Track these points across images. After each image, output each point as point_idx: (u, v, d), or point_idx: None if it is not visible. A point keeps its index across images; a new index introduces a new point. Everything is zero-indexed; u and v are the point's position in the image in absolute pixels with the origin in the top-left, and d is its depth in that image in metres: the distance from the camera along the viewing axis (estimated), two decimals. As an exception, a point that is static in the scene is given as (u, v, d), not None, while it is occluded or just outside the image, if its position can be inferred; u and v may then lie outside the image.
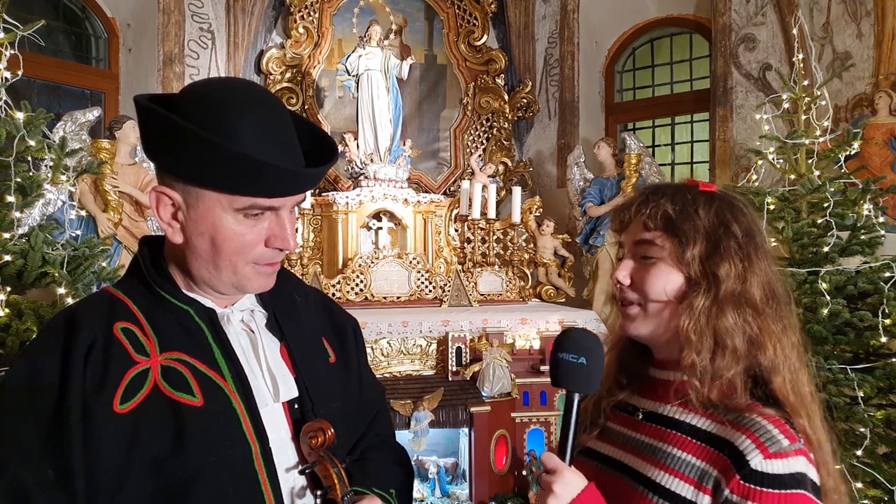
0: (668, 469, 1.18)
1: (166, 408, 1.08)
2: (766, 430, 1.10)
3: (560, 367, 1.21)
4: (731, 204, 1.24)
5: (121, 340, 1.11)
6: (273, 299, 1.29)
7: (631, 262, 1.27)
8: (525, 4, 6.34)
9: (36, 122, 2.75)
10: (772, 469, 1.06)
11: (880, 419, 2.73)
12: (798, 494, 1.05)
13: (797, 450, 1.08)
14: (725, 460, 1.11)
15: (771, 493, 1.05)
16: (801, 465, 1.07)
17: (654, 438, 1.24)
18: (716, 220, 1.20)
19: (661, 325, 1.24)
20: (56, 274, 2.68)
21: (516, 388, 4.14)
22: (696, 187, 1.25)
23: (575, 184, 5.84)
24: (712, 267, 1.18)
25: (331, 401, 1.27)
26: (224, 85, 1.19)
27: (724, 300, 1.17)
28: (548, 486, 1.16)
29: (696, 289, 1.19)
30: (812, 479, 1.08)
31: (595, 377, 1.21)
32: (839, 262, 3.04)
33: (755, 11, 5.53)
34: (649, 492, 1.19)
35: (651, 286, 1.22)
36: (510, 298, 5.01)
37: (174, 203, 1.13)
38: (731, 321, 1.16)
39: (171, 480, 1.06)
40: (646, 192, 1.27)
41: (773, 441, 1.08)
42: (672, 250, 1.21)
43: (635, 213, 1.25)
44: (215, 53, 5.62)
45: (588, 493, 1.15)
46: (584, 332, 1.25)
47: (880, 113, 4.91)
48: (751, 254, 1.19)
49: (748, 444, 1.09)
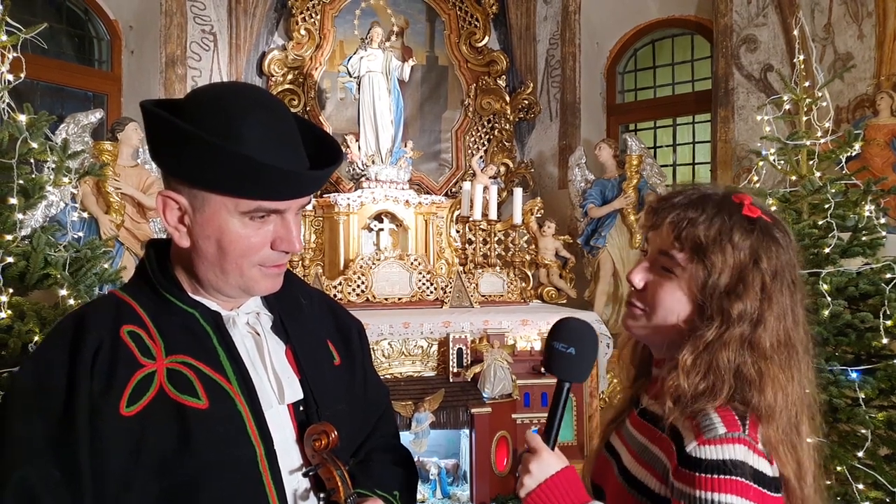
0: (638, 458, 1.22)
1: (172, 410, 1.09)
2: (708, 417, 1.09)
3: (551, 355, 1.24)
4: (770, 235, 1.18)
5: (127, 343, 1.12)
6: (278, 302, 1.30)
7: (648, 268, 1.25)
8: (526, 6, 6.34)
9: (38, 125, 2.75)
10: (704, 454, 1.06)
11: (881, 421, 2.73)
12: (732, 480, 1.03)
13: (736, 438, 1.06)
14: (672, 446, 1.12)
15: (704, 477, 1.04)
16: (738, 453, 1.05)
17: (638, 431, 1.26)
18: (747, 254, 1.15)
19: (658, 333, 1.23)
20: (58, 276, 2.69)
21: (517, 390, 4.14)
22: (741, 208, 1.19)
23: (576, 185, 5.85)
24: (728, 305, 1.14)
25: (336, 403, 1.28)
26: (228, 89, 1.20)
27: (729, 340, 1.13)
28: (525, 464, 1.19)
29: (709, 323, 1.15)
30: (754, 467, 1.05)
31: (583, 368, 1.24)
32: (840, 263, 3.04)
33: (756, 12, 5.53)
34: (625, 482, 1.22)
35: (660, 302, 1.21)
36: (511, 300, 5.00)
37: (180, 207, 1.14)
38: (727, 361, 1.13)
39: (176, 482, 1.07)
40: (686, 200, 1.21)
41: (709, 428, 1.08)
42: (693, 275, 1.17)
43: (669, 224, 1.20)
44: (217, 55, 5.63)
45: (562, 475, 1.17)
46: (578, 323, 1.27)
47: (882, 114, 4.91)
48: (773, 295, 1.15)
49: (688, 431, 1.10)
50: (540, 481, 1.16)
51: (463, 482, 4.20)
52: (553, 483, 1.16)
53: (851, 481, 2.65)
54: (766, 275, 1.15)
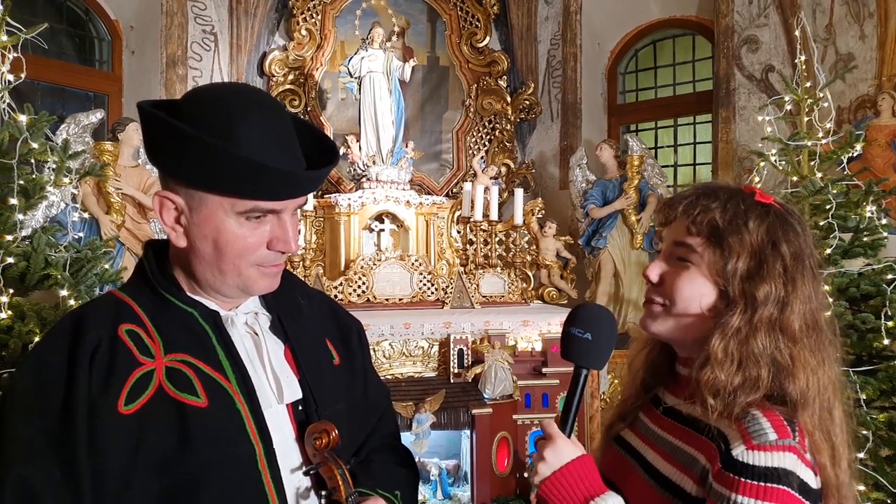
0: (670, 459, 1.18)
1: (171, 409, 1.09)
2: (757, 421, 1.06)
3: (568, 340, 1.23)
4: (786, 220, 1.17)
5: (126, 342, 1.12)
6: (277, 302, 1.30)
7: (664, 261, 1.24)
8: (527, 6, 6.33)
9: (39, 125, 2.75)
10: (752, 460, 1.03)
11: (883, 421, 2.73)
12: (778, 489, 1.01)
13: (786, 446, 1.03)
14: (714, 449, 1.09)
15: (749, 483, 1.02)
16: (787, 462, 1.02)
17: (666, 432, 1.23)
18: (765, 237, 1.14)
19: (681, 329, 1.21)
20: (59, 276, 2.69)
21: (518, 390, 4.13)
22: (753, 196, 1.19)
23: (577, 185, 5.84)
24: (752, 287, 1.12)
25: (335, 402, 1.28)
26: (225, 89, 1.21)
27: (759, 324, 1.11)
28: (540, 450, 1.17)
29: (733, 308, 1.13)
30: (801, 478, 1.02)
31: (601, 354, 1.22)
32: (842, 264, 3.04)
33: (758, 13, 5.52)
34: (654, 481, 1.19)
35: (679, 291, 1.19)
36: (512, 300, 5.00)
37: (177, 207, 1.14)
38: (762, 346, 1.11)
39: (175, 480, 1.07)
40: (698, 191, 1.21)
41: (759, 433, 1.05)
42: (711, 260, 1.16)
43: (682, 212, 1.19)
44: (218, 56, 5.62)
45: (577, 463, 1.15)
46: (595, 308, 1.26)
47: (883, 114, 4.89)
48: (796, 278, 1.13)
49: (735, 434, 1.07)
50: (555, 468, 1.14)
51: (464, 483, 4.20)
52: (568, 471, 1.14)
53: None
54: (786, 258, 1.13)
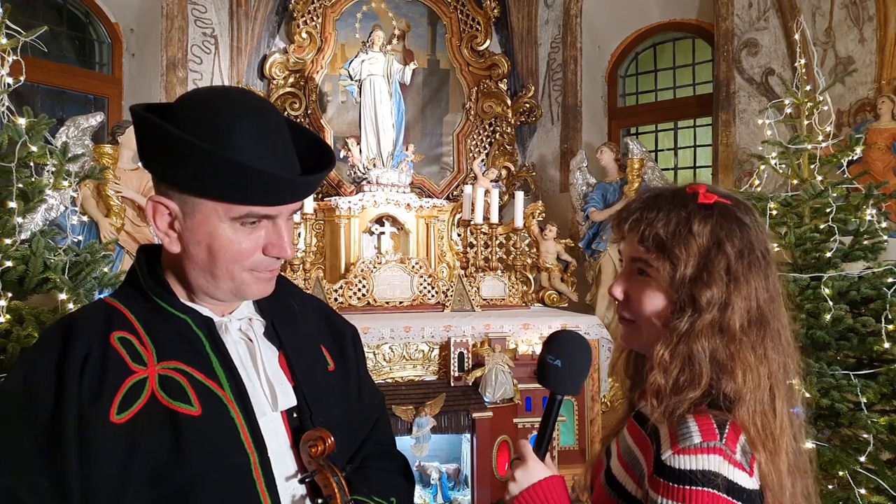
0: (621, 459, 1.23)
1: (164, 417, 1.08)
2: (686, 425, 1.08)
3: (542, 366, 1.27)
4: (730, 216, 1.18)
5: (117, 350, 1.10)
6: (271, 307, 1.29)
7: (625, 278, 1.26)
8: (528, 9, 6.34)
9: (38, 128, 2.75)
10: (678, 464, 1.05)
11: (884, 425, 2.72)
12: (702, 492, 1.02)
13: (711, 448, 1.05)
14: (651, 453, 1.12)
15: (675, 487, 1.04)
16: (713, 464, 1.03)
17: (628, 433, 1.27)
18: (709, 240, 1.15)
19: (652, 341, 1.22)
20: (58, 279, 2.68)
21: (518, 394, 4.12)
22: (696, 198, 1.19)
23: (578, 188, 5.84)
24: (696, 292, 1.14)
25: (330, 409, 1.27)
26: (219, 94, 1.19)
27: (702, 327, 1.13)
28: (512, 470, 1.23)
29: (680, 315, 1.15)
30: (729, 479, 1.03)
31: (572, 380, 1.26)
32: (842, 267, 3.03)
33: (758, 16, 5.52)
34: (610, 488, 1.23)
35: (643, 305, 1.21)
36: (513, 303, 4.99)
37: (171, 212, 1.13)
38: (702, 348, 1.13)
39: (169, 490, 1.05)
40: (641, 205, 1.22)
41: (685, 436, 1.06)
42: (665, 272, 1.17)
43: (629, 230, 1.22)
44: (218, 58, 5.63)
45: (546, 483, 1.20)
46: (568, 335, 1.28)
47: (883, 118, 4.90)
48: (739, 276, 1.14)
49: (665, 438, 1.09)
50: (523, 488, 1.20)
51: (464, 487, 4.19)
52: (535, 490, 1.19)
53: (853, 486, 2.64)
54: (730, 257, 1.15)
